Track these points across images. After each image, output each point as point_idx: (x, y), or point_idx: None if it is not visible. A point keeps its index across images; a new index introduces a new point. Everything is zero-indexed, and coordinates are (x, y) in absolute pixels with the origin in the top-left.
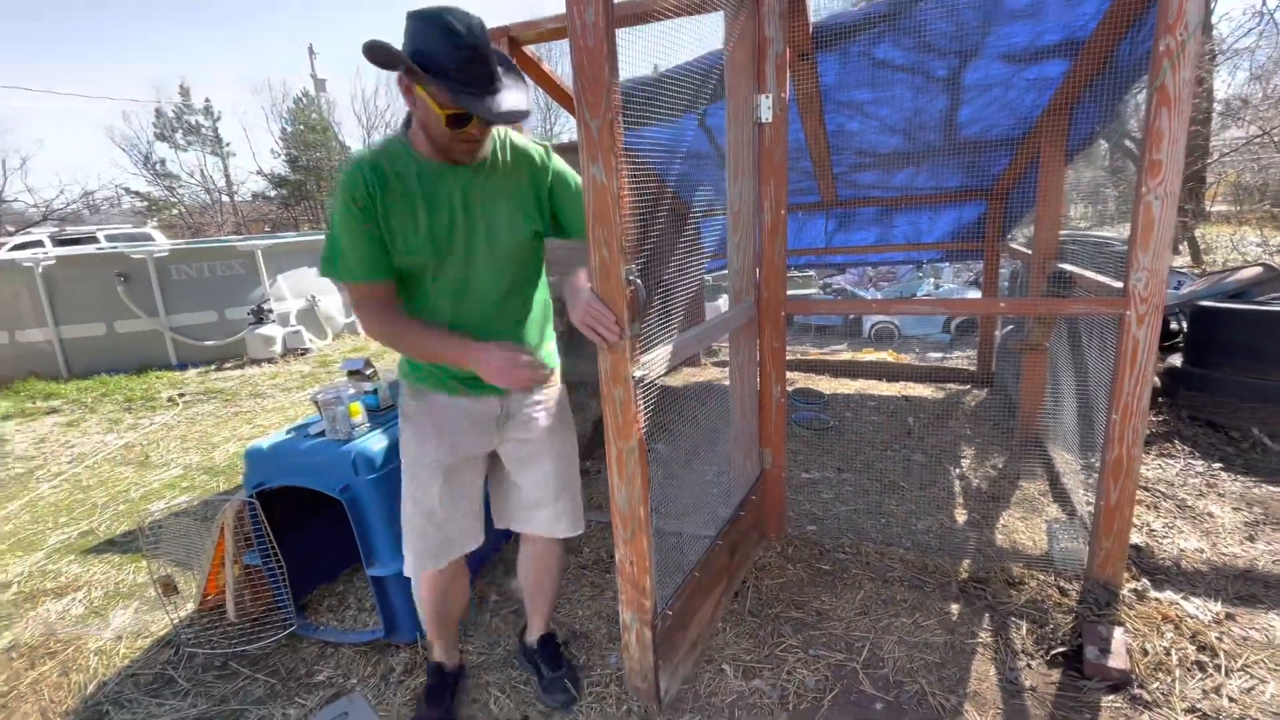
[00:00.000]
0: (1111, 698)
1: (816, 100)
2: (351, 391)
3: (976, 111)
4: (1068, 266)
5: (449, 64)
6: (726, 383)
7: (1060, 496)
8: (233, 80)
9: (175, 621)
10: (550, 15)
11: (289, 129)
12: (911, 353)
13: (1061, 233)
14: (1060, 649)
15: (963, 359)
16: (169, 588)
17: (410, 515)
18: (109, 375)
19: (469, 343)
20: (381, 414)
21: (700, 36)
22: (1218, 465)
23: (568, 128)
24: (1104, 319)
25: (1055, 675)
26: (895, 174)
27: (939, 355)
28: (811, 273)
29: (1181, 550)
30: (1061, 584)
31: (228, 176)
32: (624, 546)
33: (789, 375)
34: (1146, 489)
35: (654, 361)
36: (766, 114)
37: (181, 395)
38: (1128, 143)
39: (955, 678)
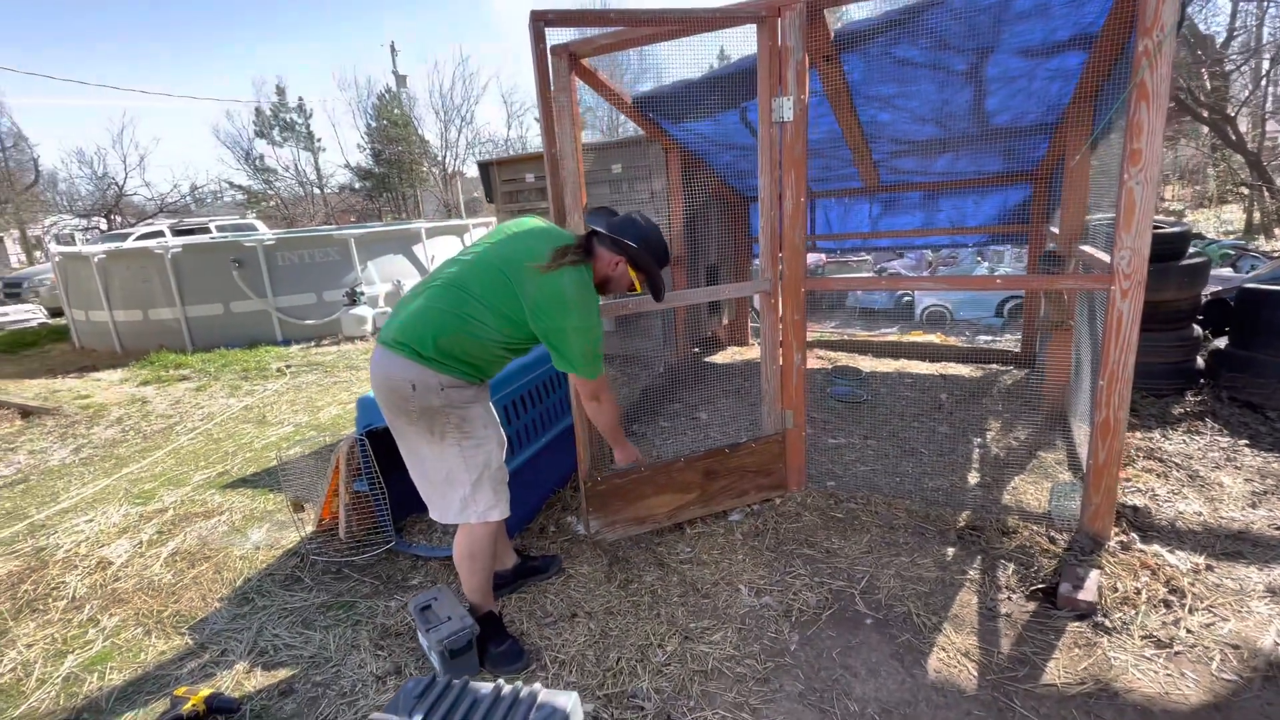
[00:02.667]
0: (1077, 624)
1: (845, 96)
2: None
3: (1003, 101)
4: (1086, 247)
5: (659, 269)
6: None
7: (1075, 465)
8: (323, 78)
9: (302, 536)
10: (606, 32)
11: (373, 124)
12: (962, 336)
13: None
14: (1039, 586)
15: (1013, 342)
16: (298, 506)
17: (495, 469)
18: (226, 349)
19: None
20: None
21: (740, 42)
22: (1244, 442)
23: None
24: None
25: (1031, 606)
26: (934, 160)
27: (989, 338)
28: (866, 256)
29: (1180, 512)
30: (1052, 534)
31: (318, 170)
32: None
33: (833, 354)
34: (1161, 460)
35: None
36: (788, 113)
37: (288, 367)
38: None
39: (940, 604)
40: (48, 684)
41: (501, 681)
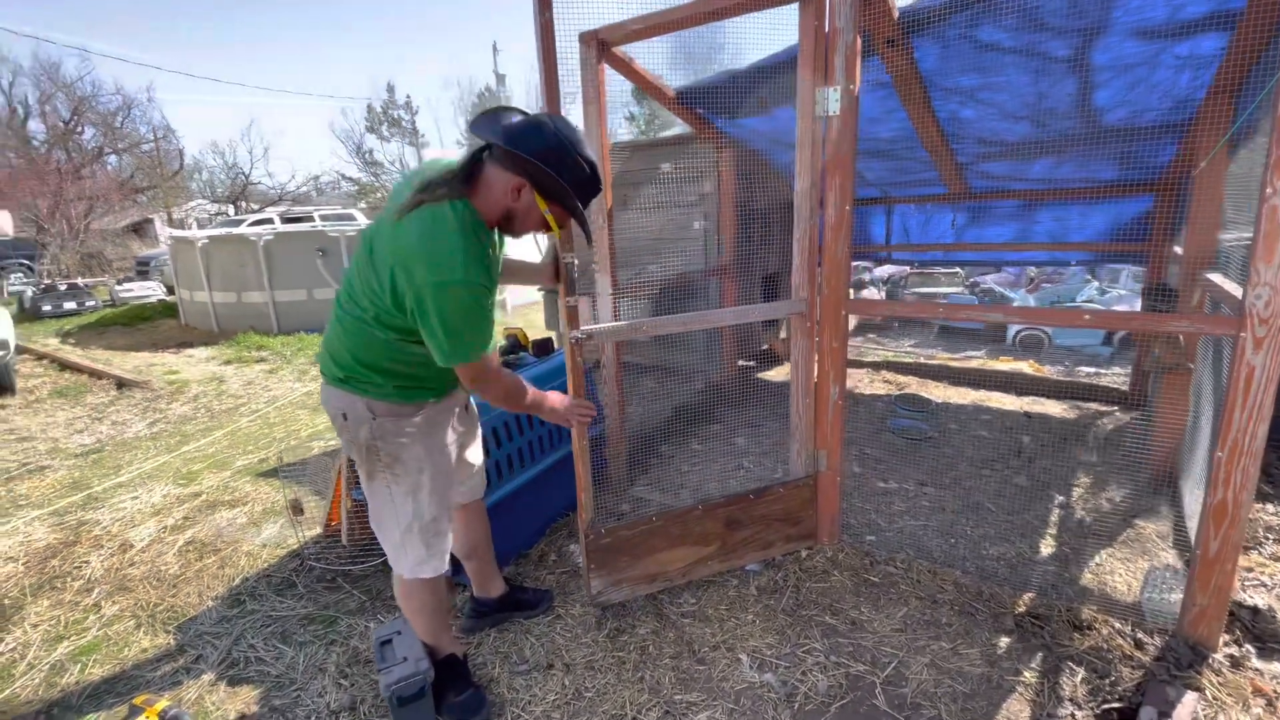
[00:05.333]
0: None
1: (917, 88)
2: None
3: (1118, 95)
4: (1215, 276)
5: (582, 201)
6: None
7: (1182, 542)
8: (430, 76)
9: (301, 540)
10: (635, 16)
11: None
12: (1060, 365)
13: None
14: (1114, 705)
15: (1121, 377)
16: (297, 509)
17: (427, 521)
18: (306, 334)
19: (540, 392)
20: None
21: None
22: None
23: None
24: None
25: None
26: (1031, 164)
27: (1092, 371)
28: (958, 270)
29: None
30: (1140, 635)
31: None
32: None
33: (903, 379)
34: None
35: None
36: (834, 106)
37: None
38: None
39: (982, 712)
40: (35, 669)
41: None
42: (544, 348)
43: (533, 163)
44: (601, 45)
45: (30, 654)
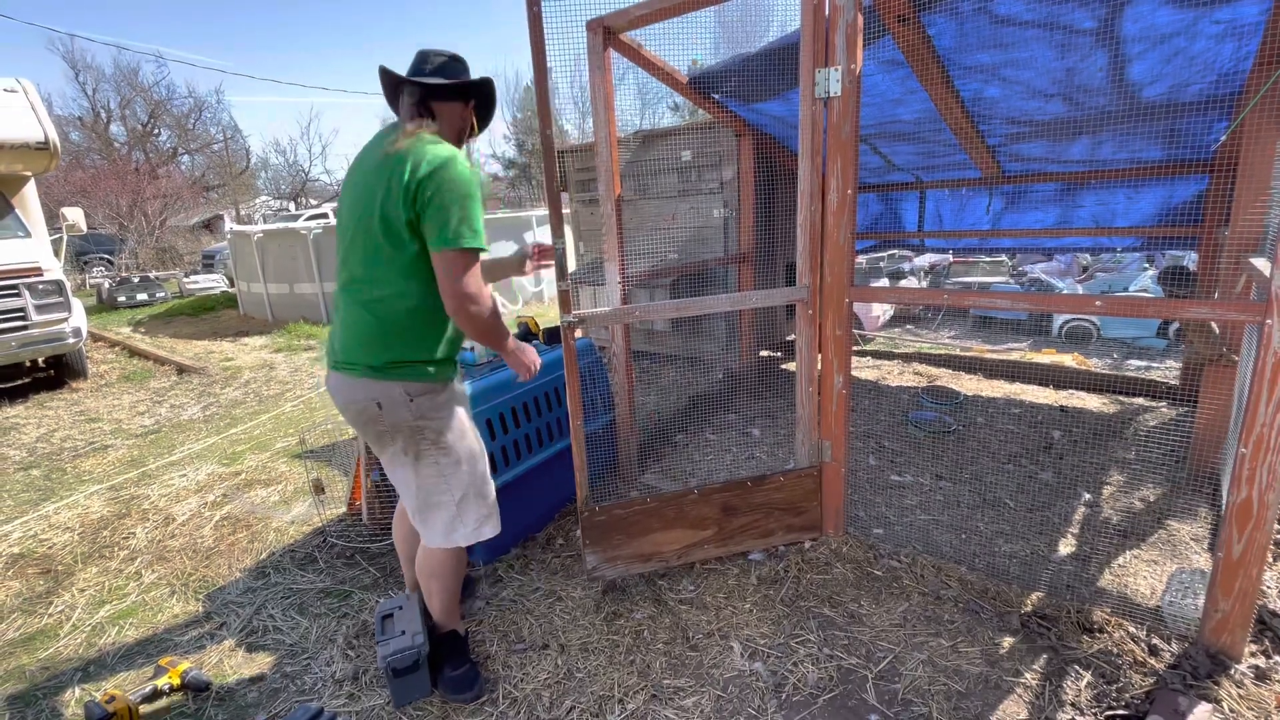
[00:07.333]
0: None
1: (935, 67)
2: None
3: (1154, 68)
4: (1257, 261)
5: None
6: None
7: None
8: (476, 70)
9: (323, 519)
10: (639, 2)
11: (518, 116)
12: (1108, 359)
13: None
14: (1120, 712)
15: (1174, 371)
16: (319, 488)
17: (480, 481)
18: None
19: (515, 340)
20: (475, 368)
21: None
22: None
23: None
24: None
25: None
26: (1069, 145)
27: (1141, 364)
28: (1004, 258)
29: None
30: (1155, 641)
31: (470, 158)
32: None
33: (934, 371)
34: None
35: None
36: (835, 87)
37: None
38: None
39: (974, 711)
40: (78, 630)
41: None
42: (554, 335)
43: (479, 81)
44: (607, 32)
45: (75, 616)
